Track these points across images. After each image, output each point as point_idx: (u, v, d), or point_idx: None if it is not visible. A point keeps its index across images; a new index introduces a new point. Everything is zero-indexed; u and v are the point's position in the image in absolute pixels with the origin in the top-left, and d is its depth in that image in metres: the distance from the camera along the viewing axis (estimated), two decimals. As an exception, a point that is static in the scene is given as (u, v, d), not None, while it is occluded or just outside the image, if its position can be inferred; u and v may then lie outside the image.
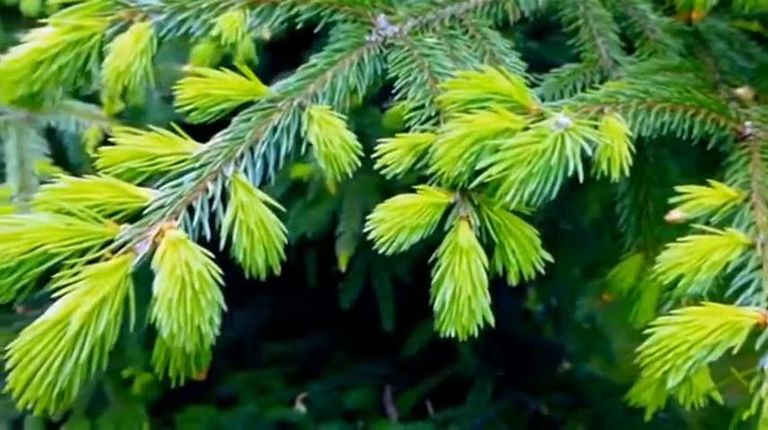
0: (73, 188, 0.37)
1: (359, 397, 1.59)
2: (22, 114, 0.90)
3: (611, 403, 1.57)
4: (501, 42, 0.58)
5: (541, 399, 1.62)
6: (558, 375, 1.72)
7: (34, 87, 0.42)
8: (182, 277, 0.33)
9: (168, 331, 0.32)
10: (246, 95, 0.43)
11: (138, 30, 0.43)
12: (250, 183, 0.39)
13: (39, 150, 0.86)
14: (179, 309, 0.32)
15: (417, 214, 0.40)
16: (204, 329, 0.33)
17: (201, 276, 0.33)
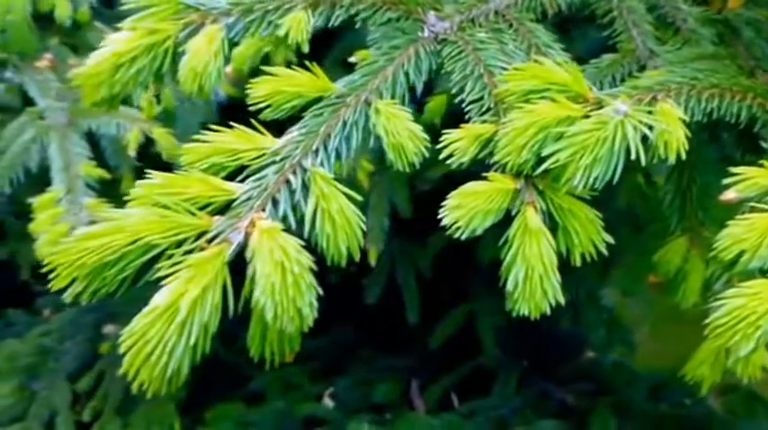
0: (166, 183, 0.39)
1: (385, 390, 1.62)
2: (63, 118, 0.93)
3: (635, 391, 1.59)
4: (544, 35, 0.59)
5: (566, 389, 1.64)
6: (582, 364, 1.73)
7: (115, 90, 0.44)
8: (281, 263, 0.35)
9: (272, 314, 0.34)
10: (316, 92, 0.46)
11: (210, 32, 0.46)
12: (329, 175, 0.41)
13: (82, 153, 0.89)
14: (282, 293, 0.34)
15: (488, 200, 0.42)
16: (305, 312, 0.35)
17: (299, 262, 0.35)
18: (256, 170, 0.42)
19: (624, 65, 0.67)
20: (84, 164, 0.87)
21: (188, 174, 0.40)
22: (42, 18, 1.05)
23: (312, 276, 0.36)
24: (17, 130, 0.92)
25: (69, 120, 0.92)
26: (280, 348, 0.38)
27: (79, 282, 0.37)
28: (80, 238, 0.37)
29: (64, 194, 0.84)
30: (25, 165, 0.91)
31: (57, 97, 0.95)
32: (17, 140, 0.91)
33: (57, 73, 1.02)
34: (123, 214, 0.37)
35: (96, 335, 1.80)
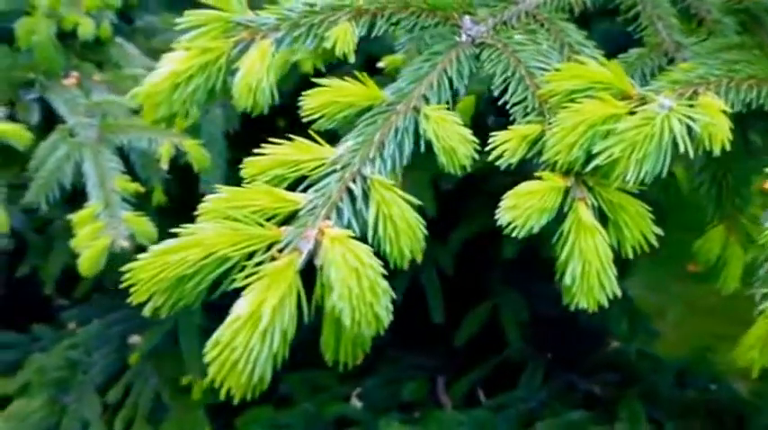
0: (234, 196, 0.41)
1: (413, 389, 1.63)
2: (94, 135, 0.94)
3: (661, 378, 1.60)
4: (575, 33, 0.61)
5: (592, 379, 1.65)
6: (606, 355, 1.75)
7: (174, 108, 0.46)
8: (356, 269, 0.36)
9: (350, 319, 0.36)
10: (367, 101, 0.47)
11: (262, 48, 0.47)
12: (387, 181, 0.43)
13: (116, 168, 0.90)
14: (359, 298, 0.36)
15: (542, 198, 0.43)
16: (382, 315, 0.36)
17: (373, 266, 0.37)
18: (317, 180, 0.43)
19: (652, 58, 0.68)
20: (118, 178, 0.88)
21: (254, 186, 0.41)
22: (65, 36, 1.07)
23: (385, 280, 0.37)
24: (49, 148, 0.94)
25: (100, 136, 0.94)
26: (354, 352, 0.39)
27: (158, 296, 0.38)
28: (158, 254, 0.38)
29: (102, 209, 0.85)
30: (60, 182, 0.93)
31: (86, 114, 0.97)
32: (50, 158, 0.93)
33: (83, 89, 1.03)
34: (197, 229, 0.39)
35: (122, 346, 1.82)
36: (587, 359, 1.74)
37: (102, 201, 0.86)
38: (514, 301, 1.70)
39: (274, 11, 0.49)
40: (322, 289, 0.39)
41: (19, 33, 1.01)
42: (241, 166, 0.45)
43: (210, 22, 0.48)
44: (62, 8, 1.06)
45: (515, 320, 1.68)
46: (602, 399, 1.62)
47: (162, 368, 1.75)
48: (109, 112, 0.97)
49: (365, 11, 0.51)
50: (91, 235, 0.82)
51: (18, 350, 1.87)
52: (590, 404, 1.60)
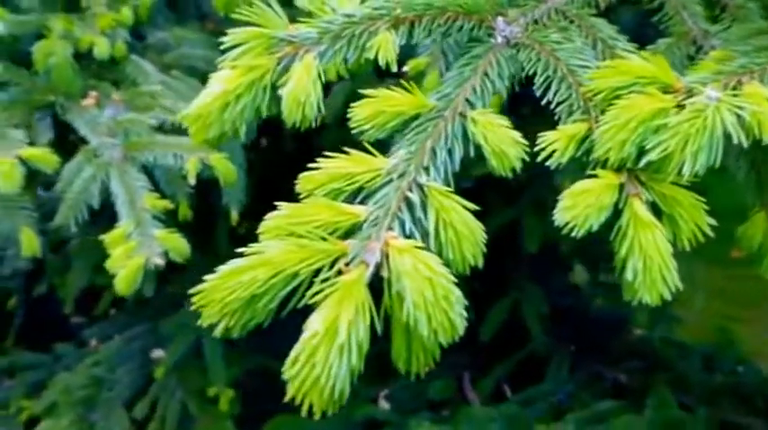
0: (295, 212, 0.41)
1: (440, 387, 1.63)
2: (119, 154, 0.95)
3: (688, 363, 1.60)
4: (606, 28, 0.61)
5: (618, 368, 1.65)
6: (630, 342, 1.75)
7: (225, 128, 0.46)
8: (429, 278, 0.37)
9: (428, 327, 0.36)
10: (415, 109, 0.47)
11: (308, 62, 0.47)
12: (444, 188, 0.43)
13: (144, 186, 0.91)
14: (435, 307, 0.36)
15: (599, 196, 0.44)
16: (457, 322, 0.37)
17: (445, 275, 0.37)
18: (374, 191, 0.43)
19: (681, 48, 0.68)
20: (148, 196, 0.89)
21: (314, 201, 0.42)
22: (81, 56, 1.08)
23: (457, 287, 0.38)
24: (75, 170, 0.94)
25: (125, 155, 0.94)
26: (425, 359, 0.39)
27: (230, 317, 0.39)
28: (226, 275, 0.39)
29: (133, 228, 0.86)
30: (87, 203, 0.93)
31: (108, 133, 0.97)
32: (77, 179, 0.93)
33: (102, 109, 1.04)
34: (263, 247, 0.39)
35: (146, 361, 1.83)
36: (611, 348, 1.74)
37: (133, 219, 0.86)
38: (534, 295, 1.71)
39: (315, 24, 0.49)
40: (390, 299, 0.39)
41: (36, 57, 1.01)
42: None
43: (253, 39, 0.48)
44: (77, 29, 1.06)
45: (537, 314, 1.68)
46: (630, 388, 1.62)
47: (187, 380, 1.76)
48: (131, 131, 0.97)
49: (403, 19, 0.51)
50: (125, 255, 0.82)
51: (42, 370, 1.88)
52: (618, 393, 1.61)
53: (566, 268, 2.02)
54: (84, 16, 1.11)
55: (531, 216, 1.47)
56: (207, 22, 1.35)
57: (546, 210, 1.53)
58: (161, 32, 1.22)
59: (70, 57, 1.01)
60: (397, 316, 0.39)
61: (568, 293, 1.96)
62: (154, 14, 1.24)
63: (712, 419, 1.38)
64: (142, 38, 1.23)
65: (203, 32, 1.30)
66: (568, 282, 2.02)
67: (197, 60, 1.21)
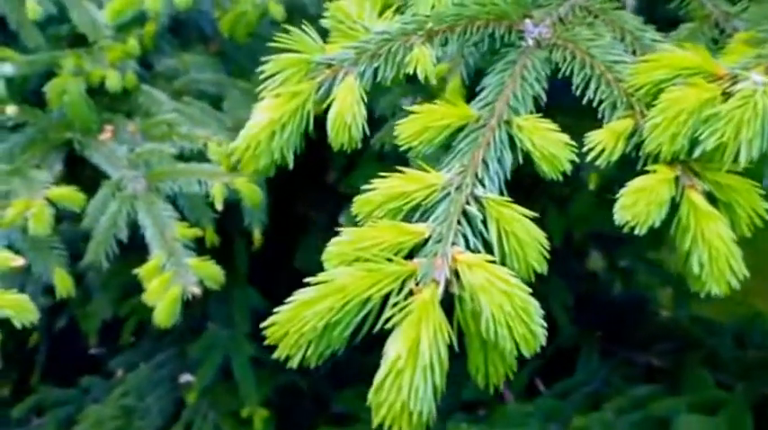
0: (359, 236, 0.41)
1: (473, 387, 1.63)
2: (142, 185, 0.95)
3: (719, 341, 1.59)
4: (633, 20, 0.61)
5: (649, 351, 1.65)
6: (658, 325, 1.74)
7: (274, 156, 0.46)
8: (505, 291, 0.37)
9: (509, 340, 0.36)
10: (461, 120, 0.47)
11: (349, 83, 0.47)
12: (501, 198, 0.43)
13: (172, 216, 0.91)
14: (515, 318, 0.36)
15: (657, 192, 0.43)
16: (537, 332, 0.37)
17: (520, 287, 0.37)
18: (432, 207, 0.43)
19: (705, 32, 0.68)
20: (177, 226, 0.89)
21: (375, 224, 0.42)
22: (93, 91, 1.08)
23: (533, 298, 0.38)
24: (100, 205, 0.94)
25: (149, 186, 0.94)
26: (503, 371, 0.39)
27: (306, 347, 0.38)
28: (298, 306, 0.39)
29: (167, 259, 0.86)
30: (116, 237, 0.93)
31: (129, 166, 0.97)
32: (103, 215, 0.93)
33: (119, 141, 1.04)
34: (331, 276, 0.39)
35: (174, 387, 1.82)
36: (639, 332, 1.73)
37: (165, 250, 0.86)
38: (559, 287, 1.70)
39: (351, 45, 0.49)
40: (464, 315, 0.39)
41: (50, 95, 1.02)
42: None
43: (292, 65, 0.48)
44: (87, 64, 1.06)
45: (563, 305, 1.67)
46: (663, 370, 1.61)
47: (218, 403, 1.75)
48: (152, 161, 0.97)
49: (436, 32, 0.51)
50: (161, 287, 0.82)
51: (71, 405, 1.88)
52: (651, 376, 1.60)
53: (582, 255, 2.01)
54: (91, 50, 1.11)
55: (554, 210, 1.47)
56: (210, 45, 1.35)
57: (566, 203, 1.53)
58: (168, 59, 1.22)
59: (84, 92, 1.02)
60: (472, 331, 0.39)
61: (587, 280, 1.96)
62: (158, 42, 1.24)
63: (750, 394, 1.37)
64: (150, 66, 1.23)
65: (208, 55, 1.30)
66: (586, 270, 2.02)
67: (206, 84, 1.21)
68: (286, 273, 1.66)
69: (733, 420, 1.31)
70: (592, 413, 1.43)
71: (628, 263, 1.93)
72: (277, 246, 1.45)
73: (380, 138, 1.04)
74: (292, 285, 1.30)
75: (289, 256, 1.61)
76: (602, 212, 1.59)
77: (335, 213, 1.41)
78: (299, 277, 1.38)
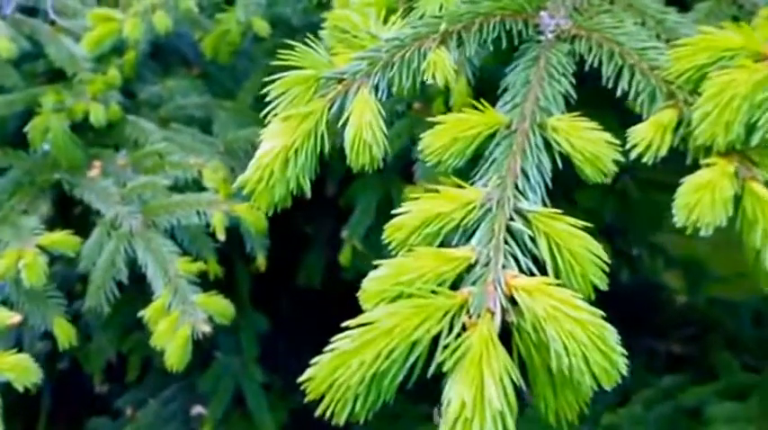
0: (398, 269, 0.36)
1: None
2: (138, 221, 0.90)
3: (739, 322, 1.56)
4: (653, 3, 0.57)
5: (669, 339, 1.61)
6: (675, 310, 1.71)
7: (291, 185, 0.42)
8: (576, 319, 0.32)
9: (588, 375, 0.32)
10: (490, 127, 0.43)
11: (363, 98, 0.43)
12: (550, 210, 0.39)
13: (173, 251, 0.86)
14: (592, 350, 0.32)
15: (720, 189, 0.39)
16: (619, 363, 0.33)
17: (592, 312, 0.33)
18: (473, 227, 0.39)
19: (723, 9, 0.64)
20: (179, 261, 0.84)
21: (414, 252, 0.37)
22: (77, 126, 1.03)
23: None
24: (96, 246, 0.89)
25: (145, 222, 0.89)
26: (577, 404, 0.35)
27: (353, 400, 0.34)
28: (340, 355, 0.34)
29: (172, 297, 0.81)
30: (116, 279, 0.88)
31: (122, 202, 0.92)
32: (100, 257, 0.88)
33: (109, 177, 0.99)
34: (372, 318, 0.35)
35: (186, 421, 1.77)
36: (656, 320, 1.70)
37: (169, 289, 0.81)
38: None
39: (362, 56, 0.45)
40: (524, 346, 0.35)
41: (32, 135, 0.96)
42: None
43: (299, 83, 0.44)
44: (68, 99, 1.01)
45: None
46: (685, 357, 1.58)
47: (233, 432, 1.71)
48: (145, 195, 0.92)
49: (450, 33, 0.47)
50: (170, 328, 0.77)
51: (83, 449, 1.82)
52: (674, 364, 1.56)
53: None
54: (71, 85, 1.06)
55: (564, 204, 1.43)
56: (193, 68, 1.31)
57: (572, 194, 1.49)
58: (151, 86, 1.17)
59: (67, 129, 0.97)
60: (537, 364, 0.35)
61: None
62: (140, 69, 1.19)
63: (780, 375, 1.34)
64: (133, 95, 1.18)
65: (192, 79, 1.25)
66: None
67: (193, 109, 1.16)
68: (288, 292, 1.62)
69: (764, 404, 1.27)
70: (620, 409, 1.39)
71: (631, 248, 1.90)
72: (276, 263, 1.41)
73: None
74: (296, 303, 1.24)
75: (290, 274, 1.56)
76: (608, 204, 1.55)
77: (336, 228, 1.37)
78: (301, 295, 1.32)
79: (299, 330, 1.69)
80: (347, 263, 1.23)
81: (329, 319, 0.40)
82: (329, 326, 0.38)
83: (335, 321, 0.35)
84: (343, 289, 1.43)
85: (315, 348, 0.37)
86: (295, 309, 1.69)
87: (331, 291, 1.57)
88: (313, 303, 1.62)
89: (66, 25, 1.15)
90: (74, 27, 1.14)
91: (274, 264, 1.33)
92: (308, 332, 1.73)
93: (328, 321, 0.40)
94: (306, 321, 1.73)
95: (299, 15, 1.13)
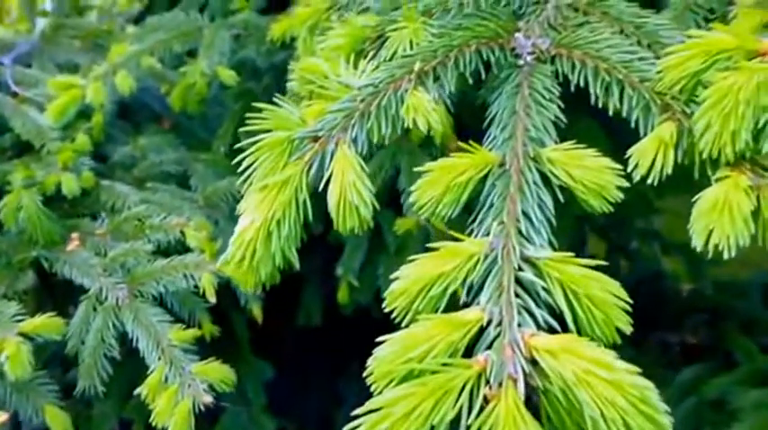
0: (408, 343, 0.33)
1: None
2: (124, 293, 0.86)
3: (749, 304, 1.54)
4: (629, 8, 0.54)
5: (681, 329, 1.58)
6: (683, 299, 1.68)
7: (276, 260, 0.38)
8: (611, 381, 0.29)
9: None
10: (482, 168, 0.40)
11: (343, 155, 0.40)
12: (561, 254, 0.36)
13: (164, 320, 0.82)
14: (633, 416, 0.29)
15: (738, 204, 0.37)
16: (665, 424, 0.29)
17: (628, 369, 0.30)
18: (481, 282, 0.36)
19: (699, 3, 0.62)
20: (171, 330, 0.80)
21: (421, 322, 0.34)
22: (50, 199, 0.99)
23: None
24: (82, 323, 0.85)
25: (131, 292, 0.85)
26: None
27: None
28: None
29: (168, 370, 0.77)
30: (109, 357, 0.84)
31: (104, 274, 0.88)
32: (88, 335, 0.84)
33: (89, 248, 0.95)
34: (383, 403, 0.31)
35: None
36: (665, 311, 1.67)
37: (163, 361, 0.77)
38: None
39: (336, 108, 0.42)
40: (554, 410, 0.32)
41: (5, 214, 0.92)
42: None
43: (273, 147, 0.40)
44: (38, 172, 0.97)
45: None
46: (700, 346, 1.55)
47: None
48: (128, 263, 0.89)
49: (426, 71, 0.44)
50: (169, 404, 0.73)
51: None
52: (690, 355, 1.53)
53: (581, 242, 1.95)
54: (40, 157, 1.03)
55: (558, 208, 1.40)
56: (164, 121, 1.27)
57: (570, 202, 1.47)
58: (123, 147, 1.14)
59: (40, 204, 0.93)
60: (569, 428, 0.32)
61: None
62: (109, 130, 1.16)
63: (800, 354, 1.31)
64: (105, 159, 1.14)
65: (164, 133, 1.22)
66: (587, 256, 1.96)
67: (168, 165, 1.12)
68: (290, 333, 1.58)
69: (789, 387, 1.24)
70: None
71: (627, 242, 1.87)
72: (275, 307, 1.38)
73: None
74: (299, 343, 1.19)
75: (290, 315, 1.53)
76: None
77: (329, 263, 1.34)
78: (303, 334, 1.26)
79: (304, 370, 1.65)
80: (345, 300, 1.19)
81: (333, 356, 0.37)
82: (334, 364, 0.35)
83: (339, 358, 0.32)
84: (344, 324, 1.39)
85: (322, 387, 0.34)
86: (298, 349, 1.65)
87: (332, 327, 1.53)
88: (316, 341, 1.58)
89: (29, 95, 1.12)
90: (37, 96, 1.11)
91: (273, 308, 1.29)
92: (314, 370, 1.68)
93: (332, 358, 0.37)
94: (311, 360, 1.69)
95: (263, 57, 1.10)
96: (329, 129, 0.41)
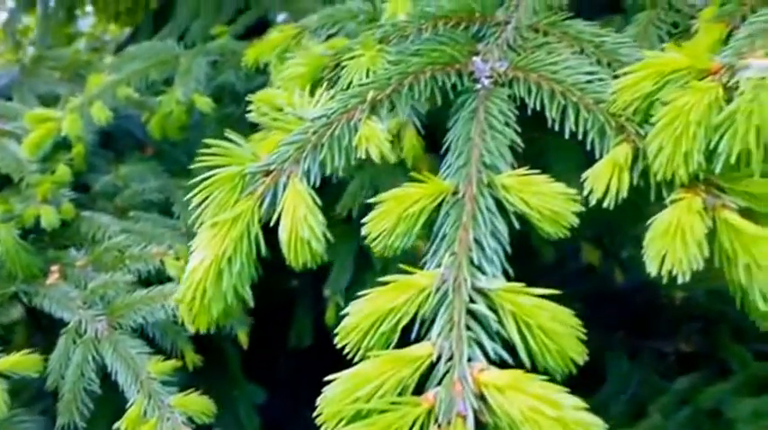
0: (358, 381, 0.32)
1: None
2: (104, 326, 0.85)
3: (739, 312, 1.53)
4: (588, 28, 0.54)
5: (675, 338, 1.57)
6: (676, 308, 1.67)
7: (228, 298, 0.38)
8: (558, 419, 0.28)
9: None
10: (436, 198, 0.39)
11: (295, 189, 0.39)
12: (514, 285, 0.35)
13: (143, 352, 0.81)
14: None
15: (691, 227, 0.36)
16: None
17: (576, 404, 0.29)
18: (432, 316, 0.35)
19: (661, 16, 0.62)
20: (150, 362, 0.79)
21: (370, 360, 0.33)
22: (29, 232, 0.98)
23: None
24: (62, 358, 0.85)
25: (111, 324, 0.84)
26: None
27: None
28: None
29: (147, 403, 0.76)
30: (89, 391, 0.83)
31: (84, 306, 0.88)
32: (68, 370, 0.83)
33: (69, 281, 0.94)
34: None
35: None
36: (659, 320, 1.66)
37: (142, 394, 0.76)
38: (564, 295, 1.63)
39: (287, 141, 0.42)
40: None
41: (-17, 250, 0.92)
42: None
43: (224, 183, 0.40)
44: (16, 206, 0.97)
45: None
46: (695, 354, 1.54)
47: None
48: (107, 295, 0.88)
49: (380, 100, 0.43)
50: (148, 437, 0.72)
51: None
52: (685, 364, 1.52)
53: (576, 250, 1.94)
54: (19, 189, 1.02)
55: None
56: (146, 148, 1.27)
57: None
58: (105, 176, 1.13)
59: (18, 239, 0.92)
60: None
61: (586, 276, 1.88)
62: (91, 159, 1.16)
63: (794, 360, 1.30)
64: (87, 188, 1.14)
65: (146, 161, 1.22)
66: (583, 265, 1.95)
67: (150, 193, 1.12)
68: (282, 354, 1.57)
69: (783, 397, 1.23)
70: (639, 421, 1.34)
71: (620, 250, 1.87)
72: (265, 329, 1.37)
73: (344, 206, 0.96)
74: (291, 364, 1.17)
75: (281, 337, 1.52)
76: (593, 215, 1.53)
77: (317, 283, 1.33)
78: (295, 355, 1.25)
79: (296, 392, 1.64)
80: (333, 321, 1.18)
81: (326, 376, 0.37)
82: (326, 385, 0.34)
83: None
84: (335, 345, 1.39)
85: (314, 408, 0.33)
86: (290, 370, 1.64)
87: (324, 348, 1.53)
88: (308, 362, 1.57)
89: (9, 128, 1.12)
90: (16, 129, 1.11)
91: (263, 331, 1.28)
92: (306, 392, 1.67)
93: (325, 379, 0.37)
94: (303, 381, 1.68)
95: (242, 82, 1.10)
96: (281, 163, 0.41)
